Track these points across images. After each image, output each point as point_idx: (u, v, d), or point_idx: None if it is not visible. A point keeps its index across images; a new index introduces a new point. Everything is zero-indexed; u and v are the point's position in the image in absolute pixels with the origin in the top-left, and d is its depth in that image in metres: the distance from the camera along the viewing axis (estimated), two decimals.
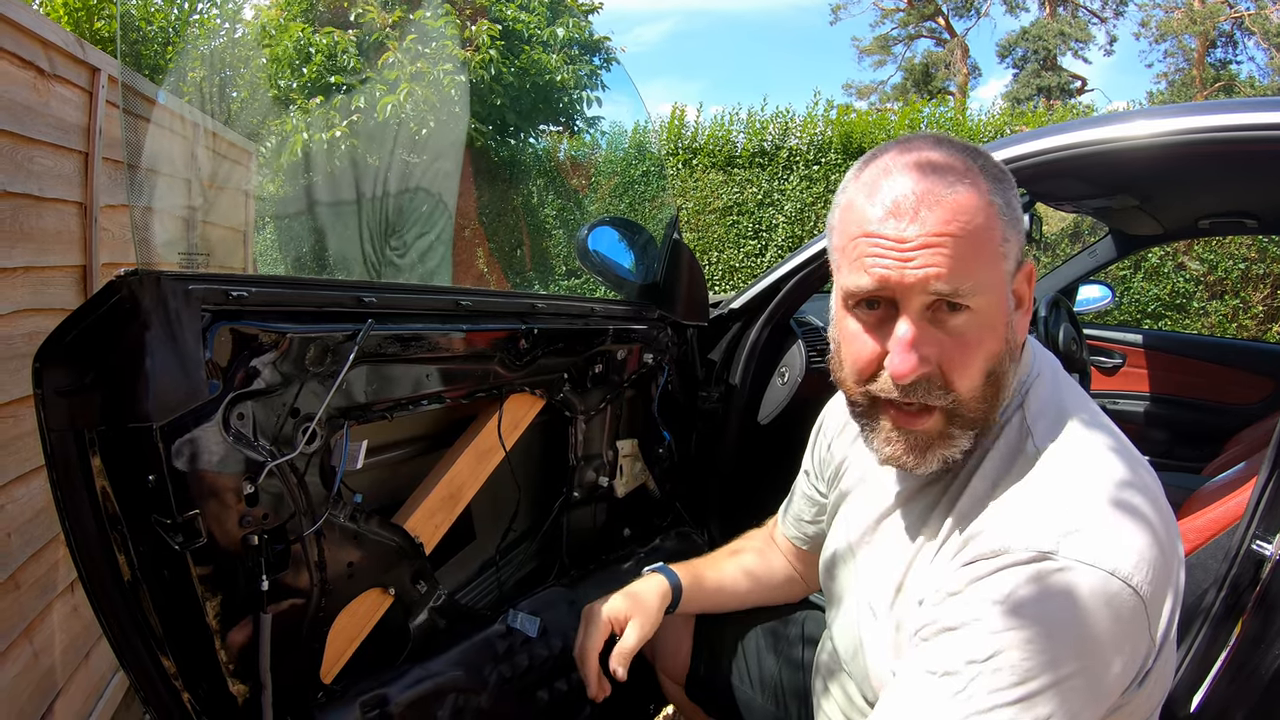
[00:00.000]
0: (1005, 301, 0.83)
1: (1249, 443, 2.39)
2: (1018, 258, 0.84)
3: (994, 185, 0.82)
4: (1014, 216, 0.83)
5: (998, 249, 0.82)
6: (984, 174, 0.82)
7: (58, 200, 1.99)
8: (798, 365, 2.00)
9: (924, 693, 0.76)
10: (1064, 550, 0.74)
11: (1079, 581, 0.73)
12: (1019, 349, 0.87)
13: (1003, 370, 0.84)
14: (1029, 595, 0.74)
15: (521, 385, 1.46)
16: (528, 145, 5.39)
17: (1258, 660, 1.14)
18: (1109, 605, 0.72)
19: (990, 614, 0.74)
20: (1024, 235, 0.85)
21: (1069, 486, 0.80)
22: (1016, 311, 0.86)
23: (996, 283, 0.82)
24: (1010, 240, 0.82)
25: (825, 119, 8.43)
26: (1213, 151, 1.48)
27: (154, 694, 0.96)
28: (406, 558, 1.27)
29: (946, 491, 0.91)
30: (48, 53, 1.90)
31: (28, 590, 1.78)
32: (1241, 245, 6.82)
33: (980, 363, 0.82)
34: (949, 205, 0.79)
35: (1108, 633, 0.73)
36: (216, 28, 3.20)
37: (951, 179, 0.81)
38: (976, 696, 0.72)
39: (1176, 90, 17.04)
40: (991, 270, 0.81)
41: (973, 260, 0.79)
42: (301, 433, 1.05)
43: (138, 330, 0.86)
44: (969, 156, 0.84)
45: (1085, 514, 0.77)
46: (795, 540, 1.36)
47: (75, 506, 0.89)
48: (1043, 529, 0.77)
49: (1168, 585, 0.77)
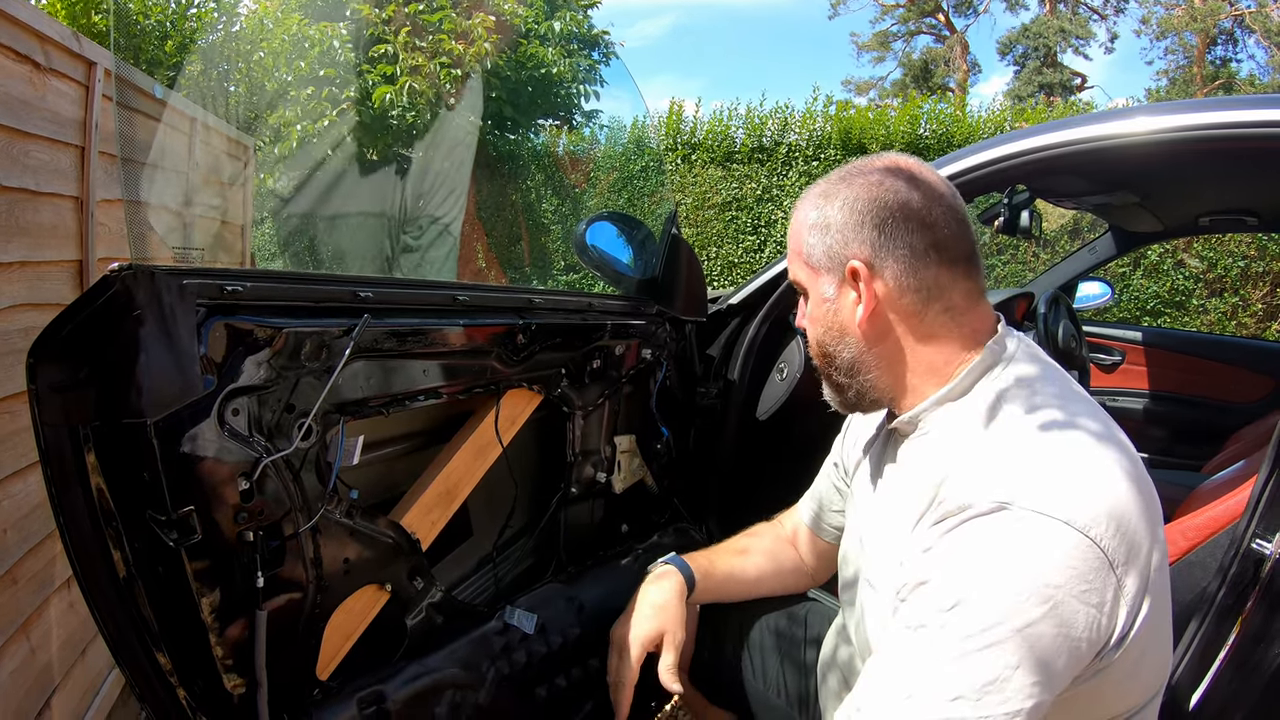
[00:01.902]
0: (820, 293, 1.02)
1: (1248, 441, 2.39)
2: (841, 259, 0.99)
3: (816, 202, 1.02)
4: (825, 228, 1.00)
5: (801, 252, 1.03)
6: (815, 196, 1.03)
7: (54, 195, 1.98)
8: (796, 361, 2.00)
9: (901, 647, 0.82)
10: (1020, 501, 0.79)
11: (1036, 530, 0.78)
12: (868, 335, 1.00)
13: (829, 344, 1.04)
14: (988, 544, 0.79)
15: (519, 381, 1.45)
16: (525, 139, 5.37)
17: (1258, 659, 1.14)
18: (1067, 555, 0.77)
19: (953, 565, 0.81)
20: (845, 243, 0.99)
21: (1030, 444, 0.86)
22: (850, 304, 1.00)
23: (810, 278, 1.03)
24: (816, 245, 1.01)
25: (824, 115, 8.40)
26: (1213, 149, 1.47)
27: (149, 690, 0.96)
28: (403, 554, 1.26)
29: (917, 461, 0.99)
30: (44, 47, 1.89)
31: (24, 586, 1.77)
32: (1241, 243, 6.81)
33: (812, 331, 1.06)
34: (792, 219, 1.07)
35: (1069, 582, 0.76)
36: (213, 21, 3.18)
37: (799, 200, 1.06)
38: (946, 644, 0.77)
39: (1177, 88, 17.03)
40: (801, 269, 1.05)
41: (791, 259, 1.07)
42: (297, 428, 1.04)
43: (132, 325, 0.85)
44: (832, 180, 1.03)
45: (1044, 468, 0.83)
46: (813, 529, 1.39)
47: (70, 502, 0.89)
48: (1002, 482, 0.82)
49: (1139, 548, 0.80)
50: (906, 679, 0.79)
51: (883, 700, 0.80)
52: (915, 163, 1.01)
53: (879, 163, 1.01)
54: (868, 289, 0.97)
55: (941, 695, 0.76)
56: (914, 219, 0.96)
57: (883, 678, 0.82)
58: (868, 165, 1.02)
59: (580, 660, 1.51)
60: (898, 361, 1.00)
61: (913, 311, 0.97)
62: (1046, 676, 0.75)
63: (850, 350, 1.02)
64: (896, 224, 0.96)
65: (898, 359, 1.00)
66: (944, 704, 0.75)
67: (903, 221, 0.96)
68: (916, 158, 1.03)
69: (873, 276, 0.97)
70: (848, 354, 1.02)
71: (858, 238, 0.97)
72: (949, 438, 0.95)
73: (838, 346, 1.03)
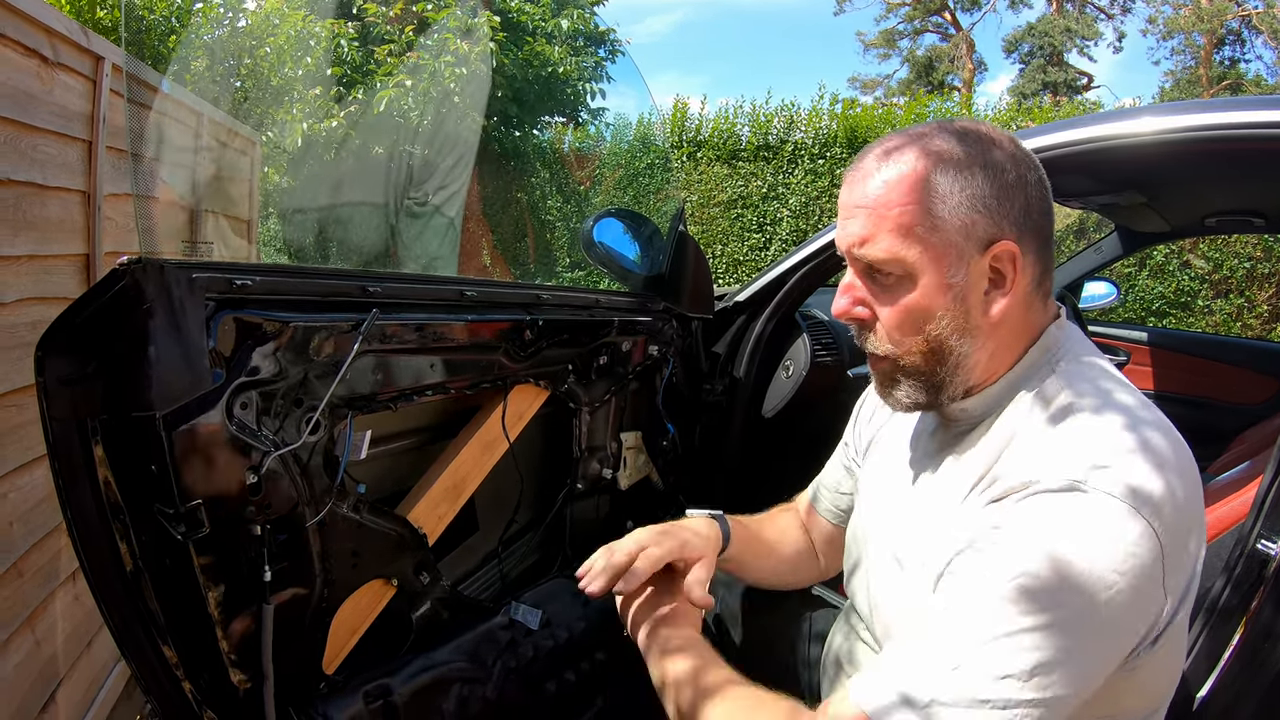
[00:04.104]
0: (941, 276, 0.86)
1: (1254, 442, 2.38)
2: (979, 237, 0.85)
3: (938, 167, 0.85)
4: (955, 198, 0.85)
5: (912, 225, 0.85)
6: (932, 156, 0.85)
7: (61, 189, 1.98)
8: (802, 359, 2.00)
9: (949, 618, 0.76)
10: (1093, 482, 0.75)
11: (1109, 514, 0.74)
12: (990, 326, 0.89)
13: (949, 340, 0.88)
14: (1059, 522, 0.75)
15: (526, 376, 1.45)
16: (531, 137, 5.37)
17: (1262, 659, 1.13)
18: (1135, 543, 0.73)
19: (1020, 539, 0.75)
20: (991, 218, 0.85)
21: (1099, 429, 0.81)
22: (984, 289, 0.87)
23: (919, 257, 0.85)
24: (941, 218, 0.85)
25: (830, 113, 8.38)
26: (1220, 149, 1.47)
27: (155, 684, 0.96)
28: (409, 549, 1.26)
29: (974, 444, 0.92)
30: (51, 40, 1.89)
31: (30, 579, 1.78)
32: (1247, 244, 6.79)
33: (912, 324, 0.88)
34: (875, 181, 0.87)
35: (1131, 570, 0.73)
36: (220, 16, 3.18)
37: (895, 157, 0.86)
38: (1002, 619, 0.72)
39: (1183, 88, 16.96)
40: (906, 243, 0.85)
41: (883, 231, 0.86)
42: (305, 422, 1.05)
43: (141, 319, 0.85)
44: (936, 139, 0.87)
45: (1115, 453, 0.78)
46: (822, 512, 1.35)
47: (77, 496, 0.89)
48: (1073, 461, 0.78)
49: (1188, 547, 0.78)
50: (954, 649, 0.74)
51: (924, 669, 0.75)
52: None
53: (991, 132, 0.88)
54: (1017, 275, 0.86)
55: (989, 671, 0.71)
56: (1046, 196, 0.88)
57: (926, 647, 0.76)
58: (981, 130, 0.88)
59: (588, 655, 1.51)
60: (1000, 351, 0.90)
61: (1026, 297, 0.89)
62: (1094, 666, 0.74)
63: (968, 345, 0.89)
64: (1036, 201, 0.87)
65: (1000, 348, 0.90)
66: (991, 681, 0.71)
67: (1040, 201, 0.87)
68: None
69: (1022, 260, 0.86)
70: (965, 349, 0.89)
71: (1008, 215, 0.85)
72: (1008, 415, 0.89)
73: (956, 341, 0.88)
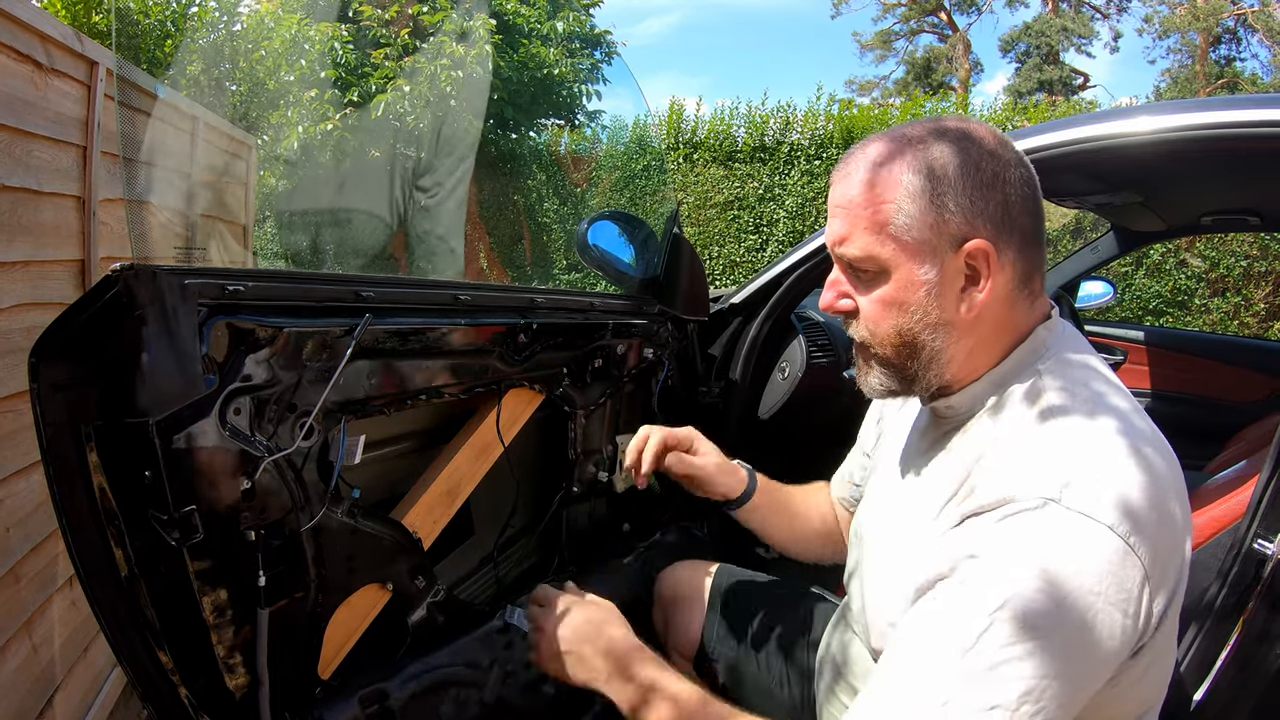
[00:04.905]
0: (913, 273, 0.87)
1: (1250, 441, 2.39)
2: (952, 235, 0.85)
3: (913, 166, 0.85)
4: (927, 197, 0.85)
5: (884, 223, 0.86)
6: (908, 156, 0.86)
7: (56, 194, 1.98)
8: (798, 360, 2.00)
9: (931, 647, 0.76)
10: (1067, 499, 0.75)
11: (1081, 533, 0.73)
12: (966, 323, 0.89)
13: (920, 334, 0.89)
14: (1037, 545, 0.74)
15: (520, 380, 1.45)
16: (527, 139, 5.36)
17: (1259, 660, 1.14)
18: (1108, 560, 0.73)
19: (1001, 568, 0.74)
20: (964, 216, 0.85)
21: (1078, 440, 0.80)
22: (961, 286, 0.87)
23: (893, 254, 0.87)
24: (913, 216, 0.85)
25: (827, 114, 8.38)
26: (1216, 148, 1.47)
27: (151, 689, 0.96)
28: (405, 553, 1.26)
29: (955, 448, 0.93)
30: (45, 46, 1.89)
31: (27, 585, 1.78)
32: (1243, 242, 6.79)
33: (886, 317, 0.90)
34: (853, 181, 0.88)
35: (1108, 589, 0.73)
36: (214, 20, 3.18)
37: (874, 157, 0.87)
38: (985, 649, 0.72)
39: (1180, 87, 16.99)
40: (879, 241, 0.87)
41: (858, 230, 0.88)
42: (299, 427, 1.04)
43: (134, 325, 0.85)
44: (915, 138, 0.87)
45: (1092, 467, 0.77)
46: (837, 499, 1.39)
47: (72, 502, 0.89)
48: (1049, 475, 0.77)
49: (1171, 561, 0.77)
50: (941, 685, 0.73)
51: (914, 706, 0.74)
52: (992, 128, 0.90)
53: (973, 129, 0.88)
54: (992, 273, 0.86)
55: (978, 704, 0.71)
56: (1032, 194, 0.87)
57: (911, 680, 0.76)
58: (964, 127, 0.88)
59: None
60: (979, 348, 0.91)
61: (1008, 296, 0.89)
62: (1078, 686, 0.73)
63: (941, 339, 0.89)
64: (1017, 199, 0.86)
65: (979, 346, 0.91)
66: (980, 714, 0.71)
67: (1022, 199, 0.86)
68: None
69: (998, 259, 0.86)
70: (938, 344, 0.89)
71: (983, 213, 0.85)
72: (988, 418, 0.90)
73: (929, 335, 0.89)
